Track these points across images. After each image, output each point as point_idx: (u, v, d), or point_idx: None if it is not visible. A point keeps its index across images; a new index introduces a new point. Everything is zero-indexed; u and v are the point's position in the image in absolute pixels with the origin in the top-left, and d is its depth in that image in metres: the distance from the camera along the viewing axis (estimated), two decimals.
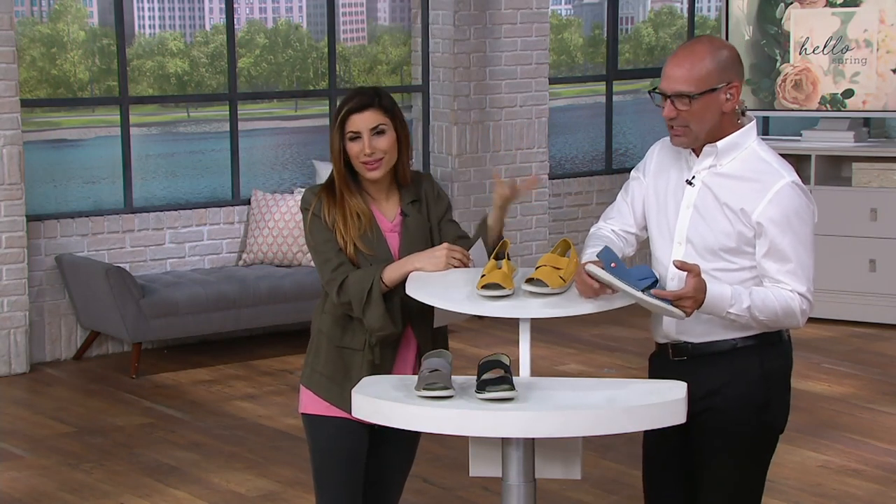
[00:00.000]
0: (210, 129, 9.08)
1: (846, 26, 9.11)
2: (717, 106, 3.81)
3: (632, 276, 3.73)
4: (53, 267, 8.17)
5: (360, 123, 3.97)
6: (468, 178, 9.34)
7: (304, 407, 4.11)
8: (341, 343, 4.03)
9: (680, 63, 3.80)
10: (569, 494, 5.89)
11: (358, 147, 3.97)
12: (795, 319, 3.82)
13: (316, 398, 4.07)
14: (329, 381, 4.04)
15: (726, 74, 3.81)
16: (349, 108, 3.97)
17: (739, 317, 3.75)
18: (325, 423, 4.06)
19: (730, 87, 3.82)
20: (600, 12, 10.38)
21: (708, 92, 3.78)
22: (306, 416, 4.11)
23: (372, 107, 3.98)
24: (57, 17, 8.60)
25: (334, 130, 4.00)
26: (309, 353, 4.13)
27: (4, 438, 6.79)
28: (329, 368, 4.05)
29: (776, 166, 3.83)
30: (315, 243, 4.02)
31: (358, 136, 3.97)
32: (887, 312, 8.93)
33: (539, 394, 3.69)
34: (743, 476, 3.94)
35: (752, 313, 3.76)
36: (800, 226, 3.79)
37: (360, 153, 3.97)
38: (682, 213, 3.88)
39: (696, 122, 3.79)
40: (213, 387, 7.64)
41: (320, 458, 4.10)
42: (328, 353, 4.05)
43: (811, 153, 9.05)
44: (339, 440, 4.06)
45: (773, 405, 3.93)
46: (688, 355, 3.91)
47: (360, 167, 4.00)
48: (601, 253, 3.78)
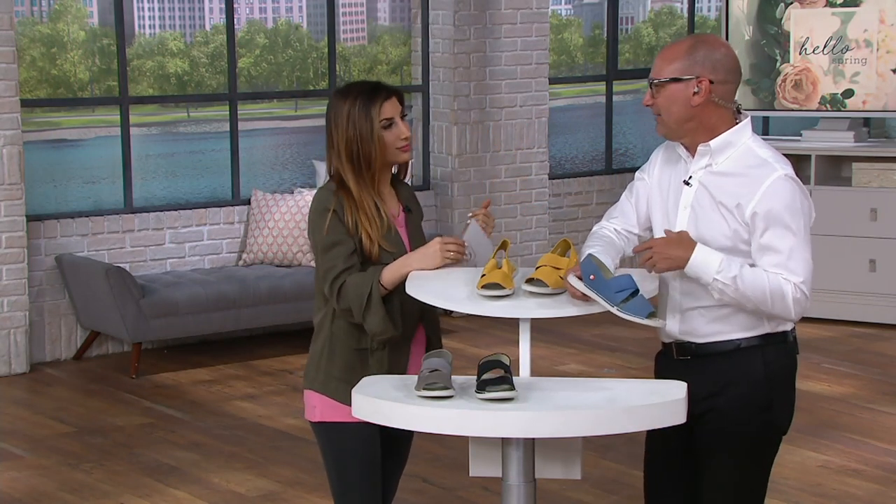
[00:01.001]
0: (210, 129, 9.08)
1: (846, 26, 9.11)
2: (684, 98, 3.82)
3: (610, 287, 3.73)
4: (53, 267, 8.18)
5: (392, 110, 4.01)
6: (468, 178, 9.34)
7: (322, 414, 4.02)
8: (359, 345, 3.99)
9: (661, 53, 3.90)
10: (569, 494, 5.89)
11: (394, 133, 4.00)
12: (787, 307, 3.78)
13: (335, 404, 3.99)
14: (349, 385, 3.91)
15: (695, 68, 3.82)
16: (381, 98, 3.99)
17: (726, 286, 3.73)
18: (347, 429, 3.99)
19: (698, 80, 3.82)
20: (600, 12, 10.39)
21: (671, 81, 3.81)
22: (324, 424, 4.02)
23: (395, 93, 4.04)
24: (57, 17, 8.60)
25: (369, 123, 3.97)
26: (319, 357, 4.04)
27: (4, 438, 6.79)
28: (348, 373, 3.98)
29: (770, 160, 3.84)
30: (325, 244, 3.95)
31: (391, 123, 4.00)
32: (887, 312, 8.93)
33: (539, 394, 3.70)
34: (746, 476, 3.94)
35: (738, 285, 3.72)
36: (793, 219, 3.78)
37: (397, 139, 4.00)
38: (681, 214, 3.90)
39: (664, 111, 3.85)
40: (213, 387, 7.64)
41: (345, 466, 4.02)
42: (344, 356, 4.00)
43: (811, 153, 9.05)
44: (364, 445, 4.01)
45: (777, 405, 3.92)
46: (691, 355, 3.92)
47: (396, 153, 4.02)
48: (583, 263, 3.79)
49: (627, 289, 3.72)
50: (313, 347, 4.09)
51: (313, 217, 4.00)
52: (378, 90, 4.01)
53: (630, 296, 3.72)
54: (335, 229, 3.95)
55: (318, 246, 3.98)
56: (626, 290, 3.72)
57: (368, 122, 3.96)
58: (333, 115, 4.01)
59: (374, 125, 3.96)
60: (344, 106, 3.99)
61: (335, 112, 4.01)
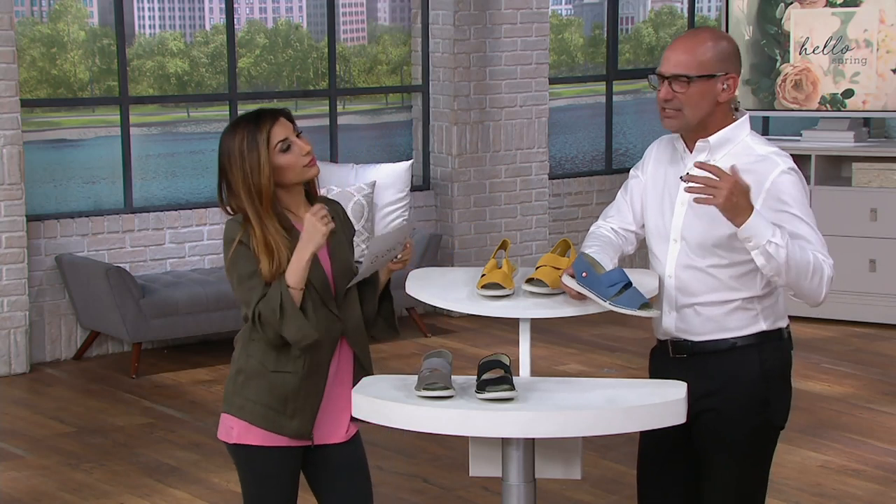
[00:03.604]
0: (210, 129, 9.08)
1: (846, 26, 9.11)
2: (713, 94, 3.81)
3: (602, 283, 3.73)
4: (53, 267, 8.17)
5: (283, 131, 3.89)
6: (468, 178, 9.34)
7: (239, 437, 3.95)
8: (276, 368, 3.90)
9: (682, 46, 3.82)
10: (569, 494, 5.89)
11: (294, 152, 3.88)
12: (821, 285, 3.74)
13: (252, 428, 3.93)
14: (265, 408, 3.91)
15: (725, 65, 3.82)
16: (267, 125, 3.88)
17: (779, 249, 3.64)
18: (264, 452, 3.95)
19: (727, 77, 3.82)
20: (600, 12, 10.38)
21: (706, 77, 3.79)
22: (241, 446, 3.96)
23: (281, 115, 3.92)
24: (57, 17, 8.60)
25: (256, 153, 3.85)
26: (234, 382, 3.97)
27: (4, 438, 6.79)
28: (264, 396, 3.91)
29: (772, 156, 3.84)
30: (238, 276, 3.88)
31: (288, 144, 3.89)
32: (887, 312, 8.93)
33: (539, 394, 3.70)
34: (747, 474, 3.94)
35: (790, 251, 3.66)
36: (803, 210, 3.80)
37: (299, 156, 3.89)
38: (677, 210, 3.89)
39: (690, 107, 3.80)
40: (213, 387, 7.64)
41: (257, 488, 3.99)
42: (261, 380, 3.92)
43: (811, 153, 9.04)
44: (282, 469, 3.97)
45: (774, 403, 3.93)
46: (687, 353, 3.91)
47: (302, 171, 3.90)
48: (575, 262, 3.79)
49: (619, 282, 3.72)
50: (231, 369, 4.03)
51: (224, 248, 3.94)
52: (262, 117, 3.90)
53: (623, 289, 3.72)
54: (246, 260, 3.87)
55: (231, 278, 3.93)
56: (617, 283, 3.72)
57: (255, 154, 3.85)
58: (227, 155, 3.89)
59: (262, 154, 3.85)
60: (233, 143, 3.88)
61: (227, 151, 3.90)
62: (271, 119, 3.91)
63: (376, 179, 8.69)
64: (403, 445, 6.46)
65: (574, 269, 3.78)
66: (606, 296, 3.72)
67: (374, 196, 8.64)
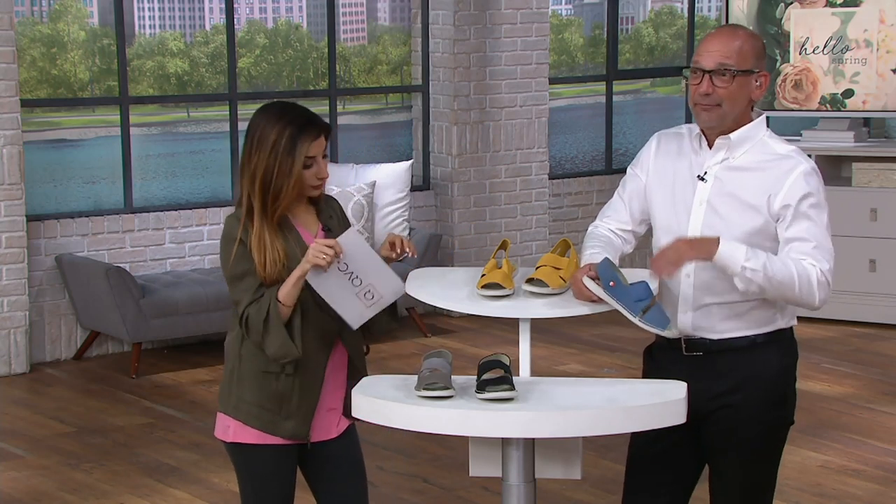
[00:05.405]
0: (210, 129, 9.07)
1: (846, 26, 9.11)
2: (748, 91, 3.80)
3: (630, 295, 3.73)
4: (53, 267, 8.17)
5: (317, 149, 3.86)
6: (468, 178, 9.34)
7: (235, 435, 3.97)
8: (267, 368, 3.90)
9: (723, 39, 3.79)
10: (569, 494, 5.89)
11: (312, 172, 3.86)
12: (812, 293, 3.75)
13: (248, 427, 3.95)
14: (259, 408, 3.92)
15: (760, 62, 3.82)
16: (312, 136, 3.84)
17: (755, 273, 3.67)
18: (259, 451, 3.96)
19: (761, 74, 3.82)
20: (600, 12, 10.38)
21: (747, 72, 3.77)
22: (238, 444, 3.98)
23: (325, 131, 3.88)
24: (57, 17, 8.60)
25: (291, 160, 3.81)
26: (230, 382, 3.97)
27: (4, 438, 6.79)
28: (257, 396, 3.92)
29: (793, 154, 3.83)
30: (232, 275, 3.87)
31: (313, 162, 3.86)
32: (887, 312, 8.93)
33: (539, 394, 3.70)
34: (760, 470, 3.94)
35: (767, 271, 3.68)
36: (819, 211, 3.81)
37: (314, 177, 3.87)
38: (696, 210, 3.85)
39: (729, 101, 3.77)
40: (213, 387, 7.64)
41: (254, 485, 4.02)
42: (254, 379, 3.92)
43: (811, 153, 9.02)
44: (279, 467, 3.98)
45: (790, 399, 3.94)
46: (704, 350, 3.89)
47: (309, 189, 3.89)
48: (601, 268, 3.77)
49: (645, 298, 3.73)
50: (224, 369, 4.02)
51: (222, 245, 3.92)
52: (310, 127, 3.84)
53: (649, 305, 3.73)
54: (242, 260, 3.85)
55: (226, 276, 3.91)
56: (644, 299, 3.73)
57: (290, 159, 3.81)
58: (258, 136, 3.84)
59: (297, 164, 3.82)
60: (272, 133, 3.82)
61: (261, 134, 3.84)
62: (317, 132, 3.85)
63: (376, 179, 8.69)
64: (403, 445, 6.46)
65: (600, 275, 3.75)
66: (635, 311, 3.72)
67: (374, 196, 8.64)
